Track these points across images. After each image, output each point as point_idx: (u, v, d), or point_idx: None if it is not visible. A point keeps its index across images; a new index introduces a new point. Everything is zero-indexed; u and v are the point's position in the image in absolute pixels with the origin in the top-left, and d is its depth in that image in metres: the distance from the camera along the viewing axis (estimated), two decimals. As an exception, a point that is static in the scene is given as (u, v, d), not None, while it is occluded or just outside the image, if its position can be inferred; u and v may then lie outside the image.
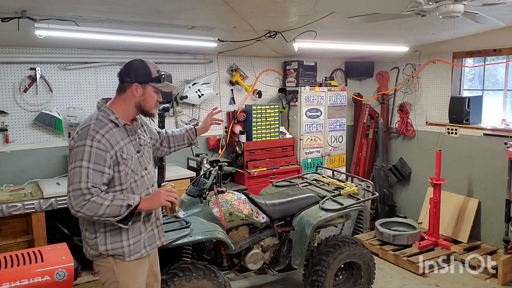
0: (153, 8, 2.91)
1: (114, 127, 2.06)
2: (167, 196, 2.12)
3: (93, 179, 1.94)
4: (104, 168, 1.97)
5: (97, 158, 1.95)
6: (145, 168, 2.20)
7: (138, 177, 2.14)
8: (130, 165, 2.08)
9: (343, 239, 3.40)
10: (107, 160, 1.98)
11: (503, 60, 4.63)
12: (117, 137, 2.05)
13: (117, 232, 2.09)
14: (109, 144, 2.00)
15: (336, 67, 5.84)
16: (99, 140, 1.97)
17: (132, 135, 2.14)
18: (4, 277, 2.26)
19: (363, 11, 2.67)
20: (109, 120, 2.06)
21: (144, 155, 2.22)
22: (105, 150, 1.98)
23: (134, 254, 2.13)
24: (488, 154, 4.58)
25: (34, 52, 3.85)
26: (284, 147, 5.00)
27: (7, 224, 3.35)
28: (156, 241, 2.26)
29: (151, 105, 2.15)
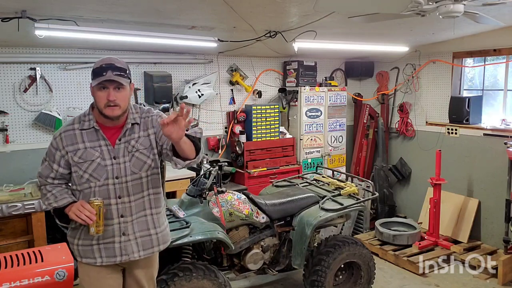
0: (153, 8, 2.91)
1: (80, 129, 2.03)
2: (77, 211, 1.93)
3: (42, 171, 2.09)
4: (53, 164, 2.06)
5: (49, 153, 2.08)
6: (116, 177, 2.03)
7: (98, 183, 2.02)
8: (86, 169, 2.01)
9: (343, 239, 3.40)
10: (56, 158, 2.05)
11: (503, 60, 4.63)
12: (77, 139, 2.02)
13: (75, 228, 2.10)
14: (61, 144, 2.03)
15: (336, 67, 5.84)
16: (55, 137, 2.06)
17: (104, 140, 2.03)
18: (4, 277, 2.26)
19: (363, 11, 2.67)
20: (81, 121, 2.06)
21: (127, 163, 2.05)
22: (55, 148, 2.05)
23: (86, 258, 2.08)
24: (488, 154, 4.58)
25: (34, 52, 3.85)
26: (284, 147, 5.00)
27: (7, 224, 3.35)
28: (116, 256, 2.07)
29: (99, 105, 1.98)
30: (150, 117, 2.15)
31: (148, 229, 2.15)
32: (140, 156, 2.09)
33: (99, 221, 1.95)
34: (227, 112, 4.98)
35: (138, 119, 2.12)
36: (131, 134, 2.09)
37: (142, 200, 2.12)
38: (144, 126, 2.12)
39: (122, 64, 2.03)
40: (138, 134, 2.10)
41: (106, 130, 2.05)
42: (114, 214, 2.05)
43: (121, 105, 1.98)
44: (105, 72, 1.94)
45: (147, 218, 2.15)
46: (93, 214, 1.92)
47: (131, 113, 2.11)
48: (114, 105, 1.96)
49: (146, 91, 4.36)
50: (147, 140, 2.11)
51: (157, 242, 2.19)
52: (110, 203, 2.04)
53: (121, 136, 2.06)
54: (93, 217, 1.92)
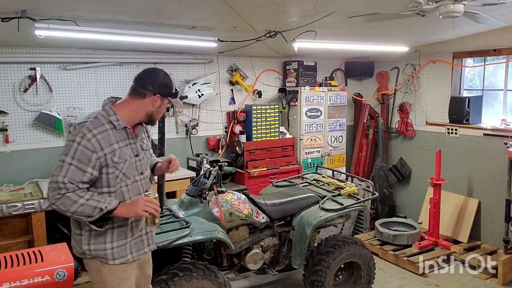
0: (153, 8, 2.91)
1: (112, 129, 2.03)
2: (145, 206, 2.01)
3: (72, 175, 1.92)
4: (86, 168, 1.95)
5: (81, 156, 1.93)
6: (141, 173, 2.16)
7: (130, 181, 2.10)
8: (121, 168, 2.04)
9: (343, 239, 3.40)
10: (92, 160, 1.95)
11: (503, 60, 4.63)
12: (112, 139, 2.02)
13: (101, 233, 2.04)
14: (99, 145, 1.97)
15: (336, 67, 5.84)
16: (89, 139, 1.95)
17: (132, 138, 2.11)
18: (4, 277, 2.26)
19: (363, 11, 2.67)
20: (108, 121, 2.03)
21: (143, 160, 2.19)
22: (92, 150, 1.95)
23: (119, 258, 2.08)
24: (488, 154, 4.58)
25: (34, 52, 3.85)
26: (284, 147, 5.00)
27: (7, 224, 3.36)
28: (144, 247, 2.20)
29: (159, 116, 2.21)
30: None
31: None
32: (148, 154, 2.28)
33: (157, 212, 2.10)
34: (227, 112, 4.98)
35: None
36: (142, 134, 2.23)
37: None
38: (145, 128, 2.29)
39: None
40: (145, 134, 2.28)
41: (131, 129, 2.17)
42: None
43: None
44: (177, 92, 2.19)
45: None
46: (158, 205, 2.05)
47: None
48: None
49: (146, 91, 4.35)
50: (149, 141, 2.35)
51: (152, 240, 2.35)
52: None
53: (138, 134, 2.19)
54: (159, 208, 2.06)
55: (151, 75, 2.11)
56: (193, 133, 4.75)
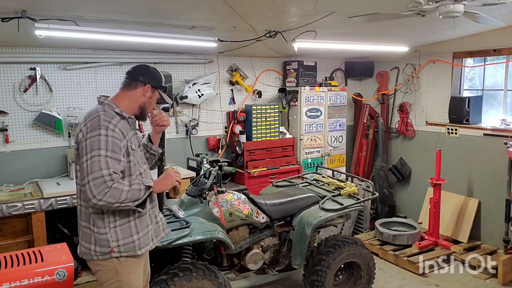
0: (153, 8, 2.91)
1: (122, 119, 2.09)
2: (175, 177, 2.17)
3: (114, 166, 1.95)
4: (120, 156, 2.00)
5: (113, 146, 1.97)
6: (144, 162, 2.27)
7: (143, 169, 2.19)
8: (136, 156, 2.13)
9: (343, 239, 3.40)
10: (122, 149, 2.02)
11: (503, 60, 4.63)
12: (127, 128, 2.10)
13: (126, 226, 2.09)
14: (122, 134, 2.03)
15: (336, 67, 5.84)
16: (113, 129, 1.99)
17: (134, 129, 2.19)
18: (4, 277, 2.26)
19: (363, 11, 2.67)
20: (115, 112, 2.09)
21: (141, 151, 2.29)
22: (119, 139, 2.01)
23: (144, 247, 2.15)
24: (488, 154, 4.58)
25: (34, 52, 3.85)
26: (284, 147, 5.00)
27: (7, 224, 3.36)
28: (161, 232, 2.30)
29: (150, 110, 2.23)
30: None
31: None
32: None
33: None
34: (227, 112, 4.98)
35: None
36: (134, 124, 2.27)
37: None
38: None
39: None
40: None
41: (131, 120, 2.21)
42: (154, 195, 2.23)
43: None
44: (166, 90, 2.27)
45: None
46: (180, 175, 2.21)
47: None
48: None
49: (146, 91, 4.36)
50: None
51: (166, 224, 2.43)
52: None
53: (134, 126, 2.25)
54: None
55: (141, 69, 2.22)
56: (193, 133, 4.75)
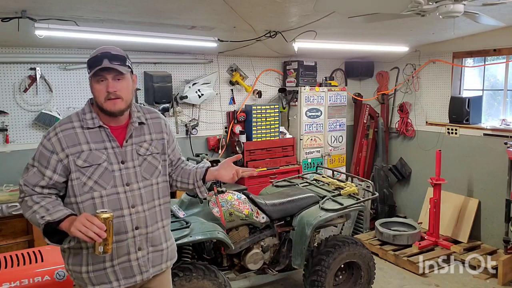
0: (153, 8, 2.91)
1: (81, 127, 1.75)
2: (80, 226, 1.56)
3: (28, 178, 1.73)
4: (45, 170, 1.71)
5: (41, 157, 1.74)
6: (126, 183, 1.78)
7: (104, 192, 1.74)
8: (91, 175, 1.72)
9: (343, 239, 3.40)
10: (51, 162, 1.71)
11: (503, 60, 4.63)
12: (79, 138, 1.73)
13: (77, 252, 1.76)
14: (59, 145, 1.71)
15: (336, 67, 5.84)
16: (49, 138, 1.73)
17: (113, 141, 1.78)
18: (4, 277, 2.26)
19: (363, 11, 2.67)
20: (81, 118, 1.77)
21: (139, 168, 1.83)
22: (50, 151, 1.72)
23: (100, 285, 1.77)
24: (488, 154, 4.57)
25: (34, 52, 3.85)
26: (284, 147, 5.00)
27: (7, 224, 3.36)
28: (135, 275, 1.81)
29: (99, 99, 1.74)
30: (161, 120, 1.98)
31: (160, 243, 1.91)
32: (153, 160, 1.89)
33: (109, 237, 1.61)
34: (227, 112, 4.98)
35: (143, 118, 1.90)
36: (140, 136, 1.87)
37: (154, 210, 1.88)
38: (155, 128, 1.93)
39: (120, 52, 1.78)
40: (150, 136, 1.90)
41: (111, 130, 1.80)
42: (128, 226, 1.78)
43: (123, 97, 1.74)
44: (100, 61, 1.70)
45: (159, 230, 1.90)
46: (103, 230, 1.58)
47: (134, 111, 1.87)
48: (115, 98, 1.72)
49: (146, 91, 4.36)
50: (160, 144, 1.93)
51: (166, 258, 1.95)
52: (123, 214, 1.77)
53: (127, 137, 1.82)
54: (103, 233, 1.58)
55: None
56: (193, 133, 4.75)
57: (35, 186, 1.72)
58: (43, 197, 1.72)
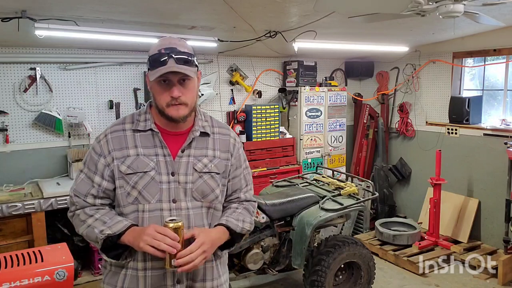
0: (153, 8, 2.91)
1: (131, 130, 1.56)
2: (151, 240, 1.38)
3: (78, 186, 1.54)
4: (94, 176, 1.53)
5: (89, 161, 1.56)
6: (173, 200, 1.52)
7: (147, 207, 1.51)
8: (135, 184, 1.50)
9: (343, 239, 3.40)
10: (99, 167, 1.53)
11: (503, 60, 4.63)
12: (127, 141, 1.54)
13: (118, 271, 1.56)
14: (107, 148, 1.53)
15: (336, 67, 5.84)
16: (99, 140, 1.57)
17: (164, 148, 1.54)
18: (4, 277, 2.26)
19: (363, 11, 2.67)
20: (135, 120, 1.58)
21: (191, 184, 1.54)
22: (98, 154, 1.54)
23: None
24: (488, 154, 4.58)
25: (34, 52, 3.85)
26: (284, 147, 5.00)
27: (7, 224, 3.36)
28: None
29: (160, 103, 1.51)
30: (230, 138, 1.68)
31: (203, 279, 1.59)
32: (210, 181, 1.58)
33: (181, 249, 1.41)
34: (227, 112, 4.98)
35: (209, 129, 1.63)
36: (202, 149, 1.60)
37: None
38: (222, 145, 1.64)
39: (187, 47, 1.53)
40: (214, 152, 1.61)
41: (166, 136, 1.56)
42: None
43: (188, 103, 1.52)
44: (165, 60, 1.45)
45: (206, 264, 1.57)
46: (177, 241, 1.39)
47: (199, 119, 1.62)
48: (179, 103, 1.49)
49: (146, 91, 4.36)
50: (223, 165, 1.62)
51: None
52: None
53: (185, 147, 1.56)
54: (178, 245, 1.39)
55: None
56: (193, 133, 4.74)
57: (86, 195, 1.53)
58: (97, 209, 1.53)
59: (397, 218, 5.20)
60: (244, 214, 1.70)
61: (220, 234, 1.57)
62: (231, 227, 1.59)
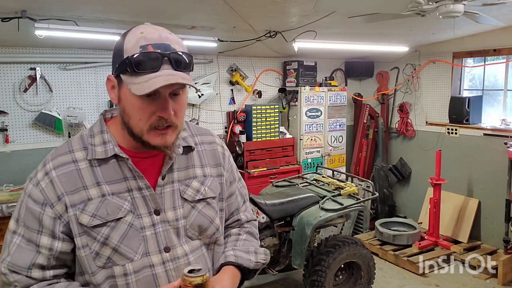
0: (153, 8, 2.91)
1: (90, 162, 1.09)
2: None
3: (15, 256, 1.06)
4: (38, 237, 1.06)
5: (28, 217, 1.07)
6: (165, 248, 1.12)
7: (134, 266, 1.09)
8: (107, 238, 1.06)
9: (343, 239, 3.40)
10: (45, 222, 1.05)
11: (503, 60, 4.63)
12: (83, 178, 1.07)
13: None
14: (52, 192, 1.06)
15: (336, 67, 5.84)
16: (37, 182, 1.08)
17: (140, 178, 1.10)
18: (4, 277, 2.26)
19: (363, 11, 2.67)
20: (87, 145, 1.11)
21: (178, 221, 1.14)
22: (41, 203, 1.06)
23: None
24: (488, 154, 4.57)
25: (34, 52, 3.85)
26: (284, 147, 5.00)
27: (7, 224, 3.33)
28: None
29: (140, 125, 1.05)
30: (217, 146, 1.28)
31: None
32: (206, 209, 1.20)
33: None
34: (227, 112, 4.98)
35: (191, 141, 1.22)
36: (188, 169, 1.19)
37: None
38: (210, 158, 1.25)
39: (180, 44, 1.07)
40: (203, 170, 1.22)
41: (136, 161, 1.11)
42: None
43: (178, 125, 1.09)
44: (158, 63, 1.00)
45: None
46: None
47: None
48: (167, 126, 1.06)
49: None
50: (217, 184, 1.24)
51: None
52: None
53: (165, 171, 1.14)
54: None
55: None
56: (193, 133, 4.74)
57: (30, 268, 1.05)
58: (50, 285, 1.08)
59: (397, 218, 5.20)
60: (251, 241, 1.37)
61: (234, 279, 1.20)
62: (244, 265, 1.26)
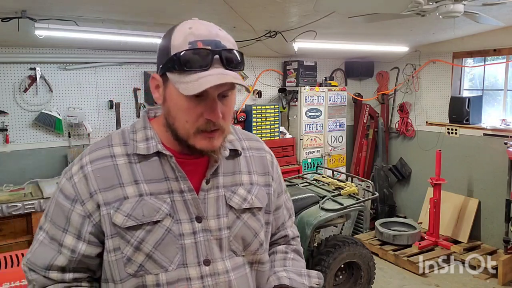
0: (153, 8, 2.91)
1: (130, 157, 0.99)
2: None
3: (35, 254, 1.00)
4: (62, 235, 0.98)
5: (56, 213, 0.99)
6: (204, 261, 1.00)
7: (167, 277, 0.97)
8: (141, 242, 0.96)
9: (343, 239, 3.40)
10: (73, 220, 0.97)
11: (503, 60, 4.63)
12: (121, 175, 0.98)
13: None
14: (85, 187, 0.97)
15: (336, 67, 5.83)
16: (71, 176, 0.99)
17: (183, 180, 1.00)
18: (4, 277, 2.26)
19: (363, 11, 2.67)
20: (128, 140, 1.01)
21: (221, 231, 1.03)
22: (71, 199, 0.98)
23: None
24: (488, 154, 4.58)
25: (34, 52, 3.85)
26: (284, 147, 5.00)
27: (7, 224, 3.35)
28: None
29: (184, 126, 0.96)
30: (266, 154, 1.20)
31: None
32: (252, 221, 1.07)
33: None
34: (227, 112, 4.97)
35: (239, 145, 1.12)
36: (234, 174, 1.09)
37: None
38: (258, 165, 1.15)
39: (233, 43, 1.04)
40: (250, 176, 1.11)
41: (180, 162, 1.01)
42: None
43: (225, 128, 1.02)
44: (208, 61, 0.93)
45: None
46: None
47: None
48: (214, 129, 0.97)
49: (146, 91, 4.36)
50: (264, 194, 1.13)
51: None
52: None
53: (210, 175, 1.03)
54: None
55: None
56: (193, 133, 4.74)
57: (48, 269, 0.98)
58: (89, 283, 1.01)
59: (397, 218, 5.20)
60: (299, 261, 1.22)
61: None
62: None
